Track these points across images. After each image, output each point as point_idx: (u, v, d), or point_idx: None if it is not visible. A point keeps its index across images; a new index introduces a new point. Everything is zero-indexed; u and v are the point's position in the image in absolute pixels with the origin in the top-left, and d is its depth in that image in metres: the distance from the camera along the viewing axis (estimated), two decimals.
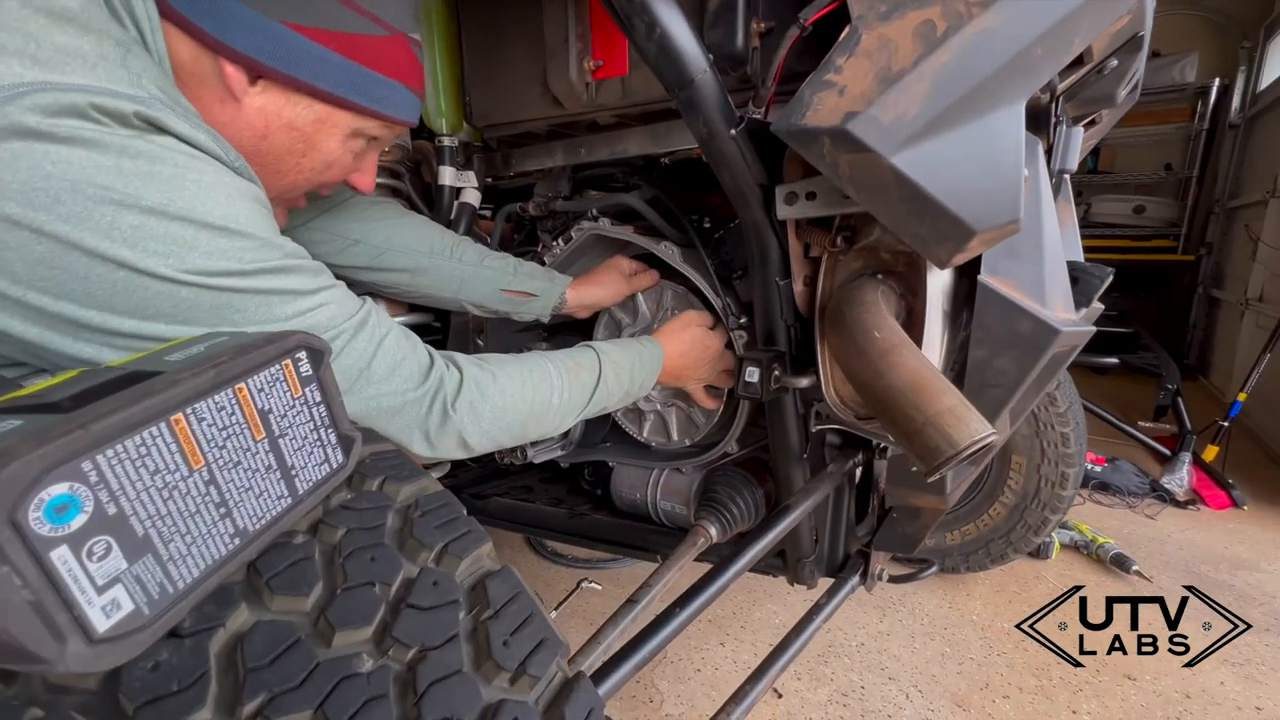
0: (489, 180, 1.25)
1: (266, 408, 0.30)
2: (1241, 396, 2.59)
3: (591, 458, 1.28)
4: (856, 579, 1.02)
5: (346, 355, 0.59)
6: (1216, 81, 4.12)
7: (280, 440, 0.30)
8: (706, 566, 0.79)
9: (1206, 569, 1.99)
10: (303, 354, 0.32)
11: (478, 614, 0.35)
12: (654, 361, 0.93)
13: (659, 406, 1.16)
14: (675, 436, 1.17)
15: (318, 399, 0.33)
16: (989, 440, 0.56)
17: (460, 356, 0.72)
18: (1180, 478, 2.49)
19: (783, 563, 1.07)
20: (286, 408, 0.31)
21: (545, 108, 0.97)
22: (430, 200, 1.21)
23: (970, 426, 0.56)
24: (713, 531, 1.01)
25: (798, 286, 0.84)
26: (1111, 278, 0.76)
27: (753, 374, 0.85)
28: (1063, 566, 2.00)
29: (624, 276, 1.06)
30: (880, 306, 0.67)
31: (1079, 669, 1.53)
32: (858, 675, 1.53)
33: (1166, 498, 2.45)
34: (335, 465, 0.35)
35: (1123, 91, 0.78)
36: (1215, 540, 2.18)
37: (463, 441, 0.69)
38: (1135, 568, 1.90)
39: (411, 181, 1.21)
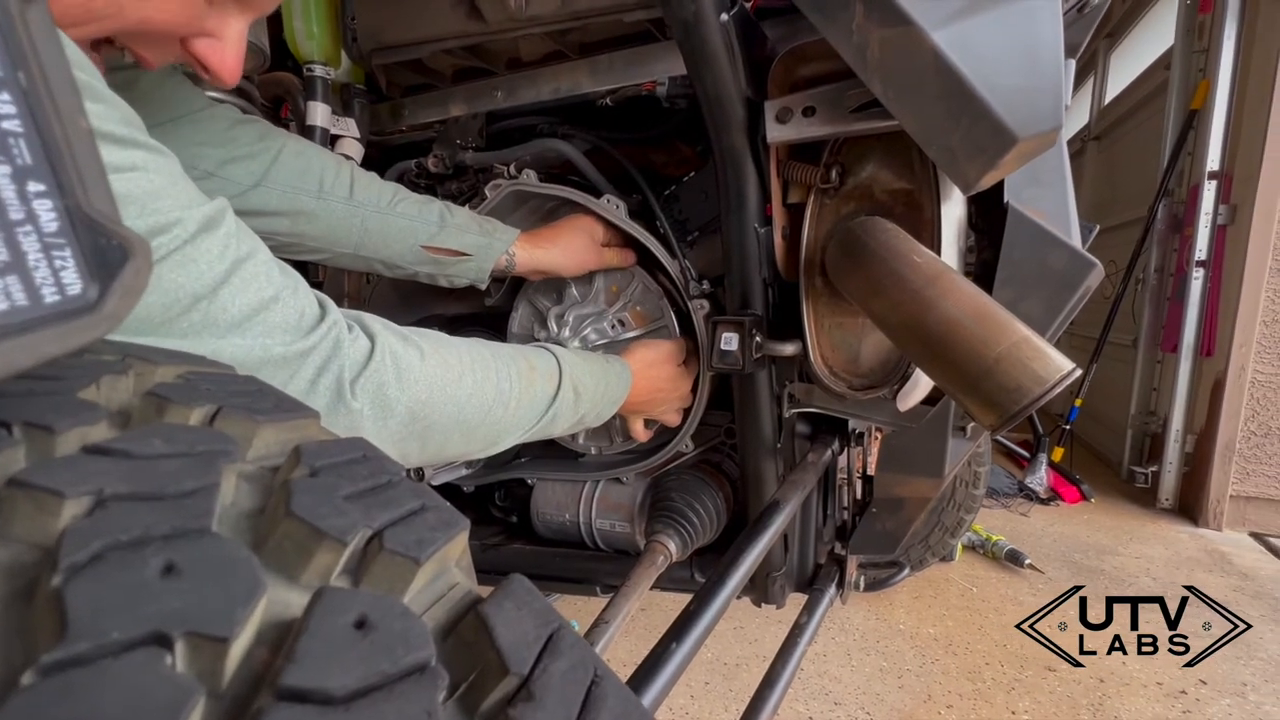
0: (373, 136, 1.01)
1: None
2: (1078, 402, 2.94)
3: (506, 476, 1.04)
4: (833, 590, 0.88)
5: (177, 265, 0.35)
6: None
7: None
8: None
9: (1080, 557, 2.15)
10: None
11: (472, 698, 0.14)
12: (620, 392, 0.74)
13: None
14: (581, 441, 0.97)
15: None
16: (1074, 376, 0.45)
17: (372, 318, 0.49)
18: (1040, 477, 2.74)
19: (749, 582, 0.91)
20: None
21: (457, 21, 0.77)
22: None
23: (1054, 359, 0.45)
24: (672, 547, 0.82)
25: (776, 239, 0.71)
26: (1097, 230, 0.72)
27: (730, 341, 0.69)
28: (965, 568, 2.05)
29: (594, 245, 0.84)
30: (906, 234, 0.56)
31: (1006, 669, 1.53)
32: (803, 705, 1.39)
33: (1033, 496, 2.67)
34: (52, 302, 0.13)
35: (1084, 42, 0.76)
36: (1079, 531, 2.39)
37: None
38: (1028, 562, 2.00)
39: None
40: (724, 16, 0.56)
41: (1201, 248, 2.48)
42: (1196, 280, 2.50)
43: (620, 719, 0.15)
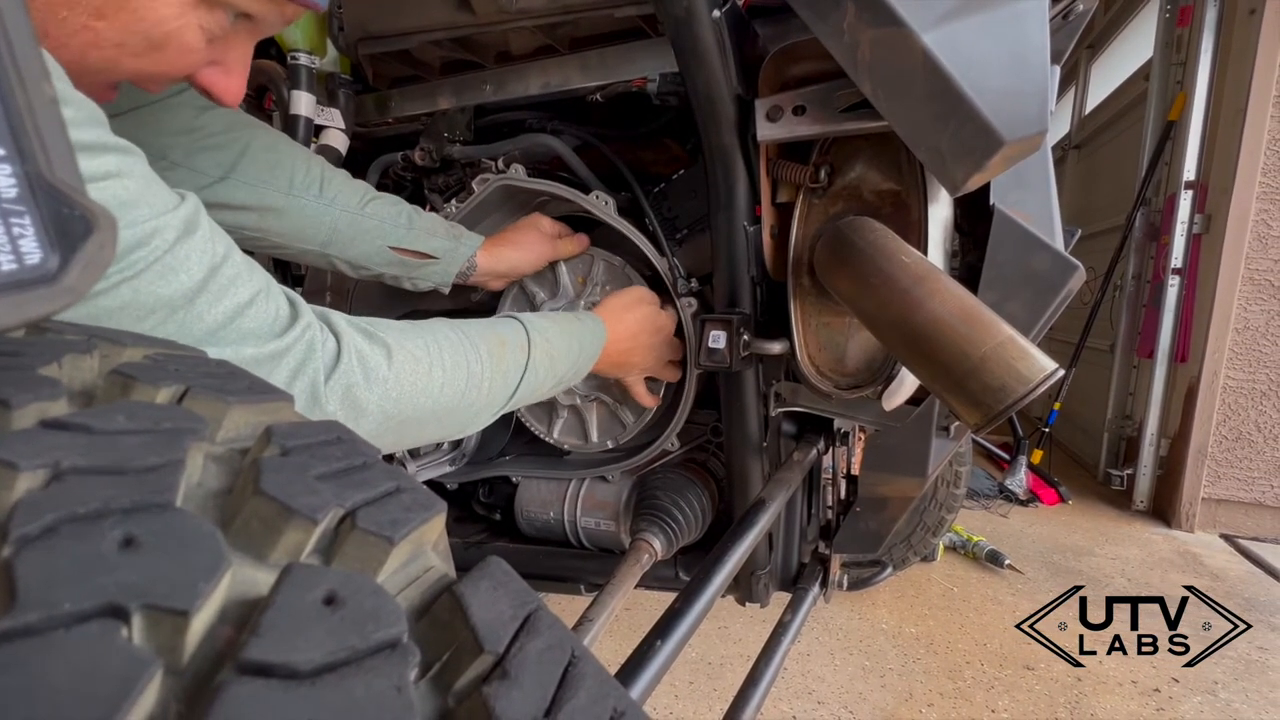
0: (359, 128, 0.99)
1: None
2: (1057, 405, 2.98)
3: (490, 473, 1.03)
4: (817, 589, 0.89)
5: (157, 277, 0.35)
6: None
7: None
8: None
9: (1058, 558, 2.18)
10: None
11: (446, 677, 0.14)
12: (595, 345, 0.73)
13: (579, 400, 0.95)
14: (594, 438, 0.97)
15: None
16: (1057, 376, 0.46)
17: (337, 316, 0.48)
18: (1019, 479, 2.78)
19: (734, 580, 0.91)
20: None
21: (446, 14, 0.76)
22: None
23: (1038, 359, 0.45)
24: (657, 545, 0.82)
25: (764, 238, 0.71)
26: (1079, 235, 0.73)
27: (718, 339, 0.69)
28: (947, 568, 2.08)
29: (547, 238, 0.84)
30: (893, 234, 0.56)
31: (986, 668, 1.55)
32: (787, 705, 1.40)
33: (1012, 498, 2.71)
34: (9, 270, 0.12)
35: (1068, 50, 0.77)
36: (1056, 532, 2.43)
37: None
38: (1008, 562, 2.03)
39: (250, 112, 0.91)
40: (716, 13, 0.56)
41: (1177, 256, 2.53)
42: (1172, 287, 2.56)
43: (598, 699, 0.15)
